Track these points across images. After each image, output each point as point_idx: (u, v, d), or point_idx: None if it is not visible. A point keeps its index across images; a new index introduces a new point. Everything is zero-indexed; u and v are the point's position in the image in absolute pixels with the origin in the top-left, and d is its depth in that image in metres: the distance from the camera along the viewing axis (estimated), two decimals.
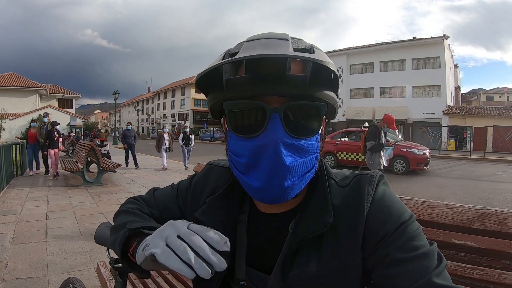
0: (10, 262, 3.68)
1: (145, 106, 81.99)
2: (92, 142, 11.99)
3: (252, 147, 0.67)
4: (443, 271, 0.63)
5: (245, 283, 0.79)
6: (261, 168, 0.66)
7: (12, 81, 36.50)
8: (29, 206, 6.42)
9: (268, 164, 0.65)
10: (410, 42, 35.33)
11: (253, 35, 0.73)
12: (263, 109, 0.66)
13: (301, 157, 0.68)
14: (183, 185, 1.01)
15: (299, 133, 0.67)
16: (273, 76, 0.63)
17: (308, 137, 0.69)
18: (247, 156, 0.68)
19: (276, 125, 0.65)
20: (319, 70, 0.64)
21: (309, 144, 0.69)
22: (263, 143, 0.65)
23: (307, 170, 0.70)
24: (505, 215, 1.00)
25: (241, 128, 0.69)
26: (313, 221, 0.72)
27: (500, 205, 7.40)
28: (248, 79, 0.64)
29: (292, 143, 0.66)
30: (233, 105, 0.69)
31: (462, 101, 48.69)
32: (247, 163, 0.69)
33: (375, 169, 0.86)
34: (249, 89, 0.65)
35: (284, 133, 0.65)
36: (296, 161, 0.67)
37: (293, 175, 0.67)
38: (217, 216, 0.82)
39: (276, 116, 0.65)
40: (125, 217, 0.89)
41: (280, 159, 0.64)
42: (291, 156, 0.66)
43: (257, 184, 0.68)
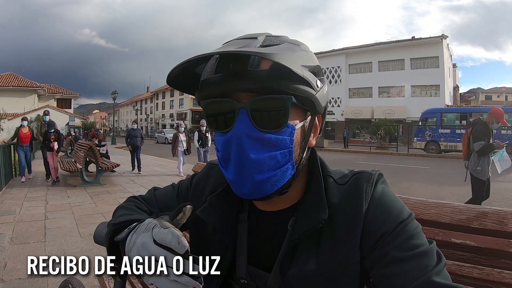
0: (9, 262, 3.67)
1: (143, 106, 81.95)
2: (90, 142, 11.88)
3: (223, 141, 0.69)
4: (442, 270, 0.63)
5: (246, 281, 0.79)
6: (231, 161, 0.69)
7: (11, 81, 36.45)
8: (27, 206, 6.42)
9: (234, 156, 0.67)
10: (408, 42, 35.44)
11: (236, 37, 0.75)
12: (232, 105, 0.67)
13: (269, 150, 0.67)
14: (184, 184, 1.01)
15: (266, 127, 0.67)
16: (238, 72, 0.64)
17: (275, 130, 0.67)
18: (221, 150, 0.70)
19: (243, 119, 0.66)
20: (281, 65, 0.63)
21: (278, 138, 0.67)
22: (229, 137, 0.67)
23: (279, 165, 0.69)
24: (504, 214, 1.00)
25: (216, 124, 0.71)
26: (309, 218, 0.72)
27: (499, 204, 7.41)
28: (217, 77, 0.66)
29: (257, 136, 0.66)
30: (207, 104, 0.71)
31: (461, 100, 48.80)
32: (222, 157, 0.71)
33: (483, 177, 0.82)
34: (219, 87, 0.67)
35: (250, 126, 0.66)
36: (262, 155, 0.67)
37: (261, 169, 0.67)
38: (218, 215, 0.82)
39: (243, 111, 0.66)
40: (120, 212, 0.89)
41: (244, 151, 0.66)
42: (257, 149, 0.66)
43: (231, 177, 0.70)
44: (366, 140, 29.38)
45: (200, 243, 0.87)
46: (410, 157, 20.53)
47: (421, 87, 34.42)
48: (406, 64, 35.14)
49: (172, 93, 67.62)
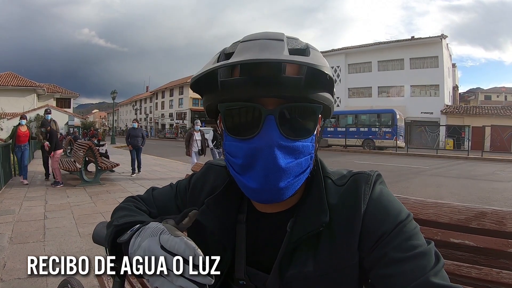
0: (8, 262, 3.67)
1: (143, 106, 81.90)
2: (90, 141, 11.81)
3: (247, 149, 0.67)
4: (440, 270, 0.63)
5: (245, 282, 0.79)
6: (257, 170, 0.66)
7: (10, 80, 36.42)
8: (27, 205, 6.40)
9: (263, 166, 0.65)
10: (408, 42, 35.44)
11: (249, 35, 0.72)
12: (258, 111, 0.65)
13: (296, 158, 0.68)
14: (182, 184, 1.01)
15: (294, 135, 0.67)
16: (268, 78, 0.62)
17: (303, 138, 0.68)
18: (243, 157, 0.68)
19: (271, 127, 0.65)
20: (314, 72, 0.64)
21: (304, 145, 0.69)
22: (258, 146, 0.65)
23: (302, 170, 0.70)
24: (503, 214, 1.00)
25: (236, 130, 0.69)
26: (309, 221, 0.72)
27: (498, 204, 7.42)
28: (243, 81, 0.64)
29: (286, 145, 0.66)
30: (228, 107, 0.68)
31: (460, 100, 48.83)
32: (243, 164, 0.69)
33: None
34: (244, 91, 0.65)
35: (279, 135, 0.65)
36: (291, 163, 0.67)
37: (288, 176, 0.67)
38: (216, 216, 0.82)
39: (271, 118, 0.65)
40: (120, 213, 0.88)
41: (275, 162, 0.65)
42: (286, 157, 0.66)
43: (253, 185, 0.68)
44: None
45: (198, 244, 0.87)
46: (409, 156, 20.54)
47: (420, 87, 34.42)
48: (406, 64, 35.14)
49: (171, 93, 67.63)
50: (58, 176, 8.77)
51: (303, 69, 0.64)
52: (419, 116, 32.90)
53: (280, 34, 0.70)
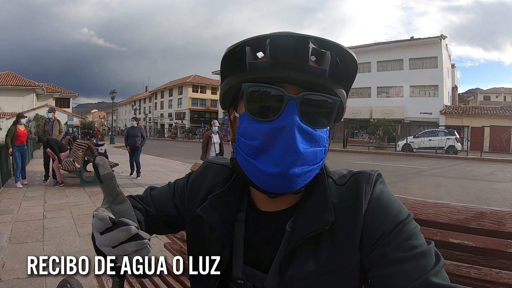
0: (7, 262, 3.66)
1: (142, 105, 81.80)
2: (89, 141, 11.75)
3: (266, 129, 0.67)
4: (440, 270, 0.63)
5: (242, 281, 0.80)
6: (274, 151, 0.66)
7: (9, 80, 36.40)
8: (26, 205, 6.40)
9: (281, 145, 0.66)
10: (407, 42, 35.46)
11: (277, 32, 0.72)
12: (281, 95, 0.67)
13: (312, 146, 0.68)
14: (179, 183, 1.01)
15: (312, 123, 0.68)
16: (294, 64, 0.65)
17: (319, 128, 0.69)
18: (261, 138, 0.68)
19: (293, 110, 0.66)
20: (338, 66, 0.68)
21: (321, 135, 0.70)
22: (280, 125, 0.66)
23: (316, 161, 0.71)
24: (502, 214, 1.00)
25: (257, 111, 0.69)
26: (312, 220, 0.72)
27: (497, 204, 7.42)
28: (271, 64, 0.66)
29: (306, 129, 0.67)
30: (253, 87, 0.69)
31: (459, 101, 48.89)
32: (259, 146, 0.68)
33: None
34: (270, 74, 0.67)
35: (299, 119, 0.66)
36: (307, 149, 0.67)
37: (304, 162, 0.67)
38: (218, 213, 0.82)
39: (293, 103, 0.66)
40: None
41: (294, 142, 0.65)
42: (304, 142, 0.67)
43: (268, 168, 0.67)
44: (364, 140, 29.46)
45: (198, 242, 0.87)
46: (408, 157, 20.56)
47: (419, 87, 34.44)
48: (405, 64, 35.15)
49: (170, 93, 67.61)
50: (58, 175, 8.76)
51: (327, 61, 0.67)
52: (418, 117, 32.91)
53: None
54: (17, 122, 8.57)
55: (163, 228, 1.02)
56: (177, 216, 0.97)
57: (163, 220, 0.98)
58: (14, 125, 8.52)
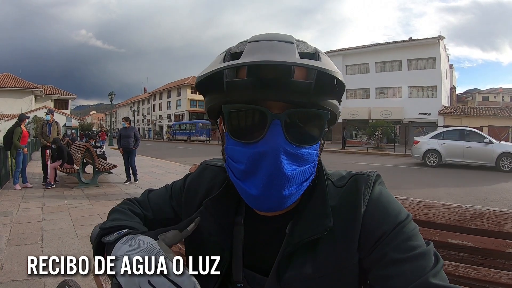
0: (5, 264, 3.65)
1: (140, 107, 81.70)
2: (87, 143, 11.70)
3: (251, 154, 0.65)
4: (440, 271, 0.63)
5: (242, 284, 0.79)
6: (260, 176, 0.64)
7: (8, 81, 36.36)
8: (24, 207, 6.37)
9: (267, 172, 0.63)
10: (405, 43, 35.53)
11: (257, 35, 0.70)
12: (264, 114, 0.63)
13: (300, 165, 0.66)
14: (176, 185, 1.00)
15: (300, 141, 0.65)
16: (276, 81, 0.60)
17: (308, 145, 0.67)
18: (246, 163, 0.66)
19: (277, 131, 0.63)
20: (324, 78, 0.62)
21: (309, 152, 0.67)
22: (263, 150, 0.63)
23: (305, 179, 0.69)
24: (501, 214, 1.00)
25: (240, 133, 0.67)
26: (311, 224, 0.72)
27: (496, 204, 7.43)
28: (250, 82, 0.61)
29: (292, 152, 0.64)
30: (233, 109, 0.66)
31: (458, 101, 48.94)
32: (245, 170, 0.66)
33: None
34: (250, 93, 0.62)
35: (285, 140, 0.63)
36: (295, 170, 0.65)
37: (292, 184, 0.66)
38: (214, 218, 0.81)
39: (277, 122, 0.63)
40: (113, 215, 0.88)
41: (280, 168, 0.63)
42: (291, 164, 0.64)
43: (255, 192, 0.66)
44: (363, 141, 29.43)
45: (196, 246, 0.87)
46: (407, 157, 20.54)
47: (418, 88, 34.49)
48: (403, 65, 35.21)
49: (169, 94, 67.57)
50: (51, 176, 8.69)
51: (313, 74, 0.62)
52: (416, 117, 32.93)
53: (289, 36, 0.68)
54: (20, 123, 8.46)
55: None
56: (175, 219, 0.95)
57: (160, 223, 0.96)
58: (19, 126, 8.40)
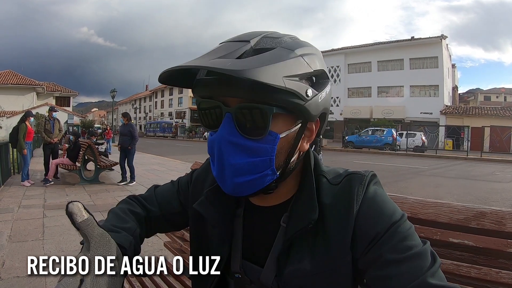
0: (7, 260, 3.67)
1: (142, 104, 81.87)
2: (89, 140, 11.67)
3: (210, 141, 0.72)
4: (437, 271, 0.63)
5: (240, 275, 0.81)
6: (215, 161, 0.71)
7: (10, 78, 36.43)
8: (26, 204, 6.40)
9: (217, 159, 0.70)
10: (408, 42, 35.49)
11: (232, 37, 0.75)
12: (219, 108, 0.68)
13: (249, 157, 0.67)
14: (183, 180, 1.02)
15: (248, 133, 0.67)
16: (227, 78, 0.62)
17: (256, 138, 0.67)
18: (209, 148, 0.73)
19: (227, 124, 0.67)
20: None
21: (260, 146, 0.67)
22: (213, 139, 0.70)
23: (258, 171, 0.69)
24: (502, 214, 1.00)
25: (206, 124, 0.73)
26: (301, 217, 0.73)
27: (497, 204, 7.43)
28: (209, 80, 0.68)
29: (237, 142, 0.67)
30: (200, 103, 0.73)
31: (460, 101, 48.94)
32: (209, 154, 0.75)
33: None
34: (211, 90, 0.69)
35: (234, 132, 0.67)
36: (241, 160, 0.67)
37: (240, 173, 0.68)
38: (215, 208, 0.83)
39: (228, 115, 0.67)
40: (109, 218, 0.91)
41: (223, 156, 0.68)
42: (236, 155, 0.67)
43: (215, 174, 0.73)
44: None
45: (200, 238, 0.89)
46: (408, 156, 20.58)
47: (420, 87, 34.48)
48: (405, 64, 35.19)
49: (171, 92, 67.65)
50: (51, 173, 8.68)
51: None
52: (418, 117, 32.94)
53: (256, 33, 0.72)
54: (25, 120, 8.48)
55: (166, 227, 1.05)
56: (182, 213, 0.99)
57: (166, 218, 0.99)
58: (24, 122, 8.42)
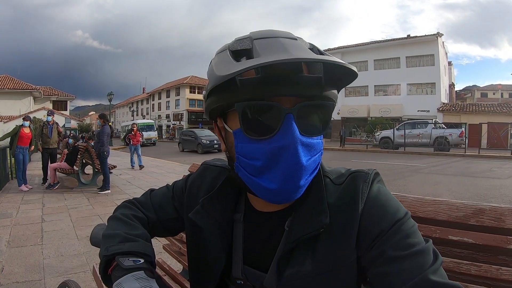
0: (6, 265, 3.65)
1: (139, 107, 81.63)
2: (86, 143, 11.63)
3: (268, 149, 0.65)
4: (439, 268, 0.63)
5: (242, 281, 0.80)
6: (279, 170, 0.65)
7: (6, 83, 36.30)
8: (24, 209, 6.37)
9: (285, 164, 0.65)
10: (404, 40, 35.56)
11: (257, 32, 0.71)
12: (277, 109, 0.65)
13: (312, 155, 0.68)
14: (178, 185, 1.02)
15: (311, 132, 0.67)
16: (287, 77, 0.63)
17: (318, 135, 0.70)
18: (262, 158, 0.66)
19: (292, 125, 0.64)
20: (332, 70, 0.65)
21: (319, 142, 0.70)
22: (282, 145, 0.64)
23: (316, 167, 0.72)
24: (501, 211, 1.00)
25: (254, 129, 0.67)
26: (308, 221, 0.72)
27: (496, 201, 7.44)
28: (263, 79, 0.63)
29: (306, 142, 0.66)
30: (247, 106, 0.66)
31: (457, 98, 49.06)
32: (262, 165, 0.67)
33: None
34: (262, 90, 0.64)
35: (299, 133, 0.65)
36: (310, 159, 0.67)
37: (307, 174, 0.68)
38: (211, 216, 0.82)
39: (290, 116, 0.64)
40: (116, 225, 0.89)
41: (299, 160, 0.64)
42: (306, 155, 0.66)
43: (272, 186, 0.67)
44: (362, 138, 29.44)
45: (197, 244, 0.88)
46: (406, 155, 20.59)
47: (417, 85, 34.52)
48: (402, 63, 35.24)
49: (168, 94, 67.51)
50: (52, 177, 8.61)
51: (320, 67, 0.66)
52: (416, 114, 32.92)
53: (288, 32, 0.71)
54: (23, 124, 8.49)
55: (163, 233, 1.04)
56: (177, 219, 0.98)
57: (162, 224, 0.99)
58: (19, 126, 8.44)
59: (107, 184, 8.26)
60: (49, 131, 9.05)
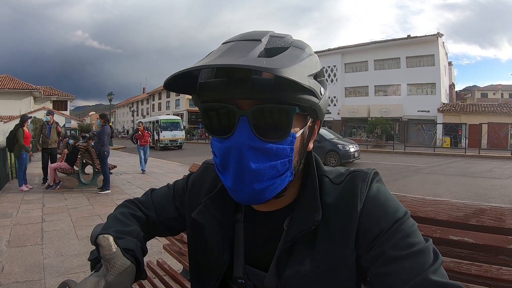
0: (6, 265, 3.66)
1: (139, 107, 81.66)
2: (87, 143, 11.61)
3: (222, 149, 0.67)
4: (439, 268, 0.63)
5: (243, 280, 0.80)
6: (231, 170, 0.67)
7: (6, 83, 36.30)
8: (24, 209, 6.38)
9: (234, 165, 0.66)
10: (404, 40, 35.52)
11: (232, 37, 0.71)
12: (232, 111, 0.65)
13: (270, 160, 0.66)
14: (179, 184, 1.02)
15: (267, 136, 0.65)
16: (240, 80, 0.62)
17: (277, 140, 0.66)
18: (220, 157, 0.69)
19: (243, 128, 0.64)
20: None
21: (279, 148, 0.66)
22: (230, 146, 0.65)
23: (279, 174, 0.68)
24: (502, 211, 1.00)
25: (214, 129, 0.69)
26: (303, 219, 0.72)
27: (496, 201, 7.44)
28: (219, 83, 0.64)
29: (258, 146, 0.65)
30: (206, 107, 0.68)
31: (457, 98, 49.01)
32: (220, 163, 0.69)
33: None
34: (218, 93, 0.65)
35: (252, 135, 0.64)
36: (263, 165, 0.65)
37: (262, 179, 0.66)
38: (213, 216, 0.82)
39: (244, 119, 0.64)
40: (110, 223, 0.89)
41: (244, 162, 0.64)
42: (258, 159, 0.65)
43: (229, 184, 0.68)
44: (362, 138, 29.45)
45: (198, 244, 0.88)
46: (406, 155, 20.59)
47: (417, 85, 34.48)
48: (402, 63, 35.21)
49: (168, 94, 67.53)
50: (52, 177, 8.59)
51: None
52: (416, 115, 32.95)
53: (263, 33, 0.70)
54: (23, 124, 8.43)
55: (163, 232, 1.05)
56: (178, 218, 0.98)
57: (163, 223, 0.99)
58: (21, 127, 8.40)
59: (107, 184, 8.29)
60: (48, 131, 9.05)
